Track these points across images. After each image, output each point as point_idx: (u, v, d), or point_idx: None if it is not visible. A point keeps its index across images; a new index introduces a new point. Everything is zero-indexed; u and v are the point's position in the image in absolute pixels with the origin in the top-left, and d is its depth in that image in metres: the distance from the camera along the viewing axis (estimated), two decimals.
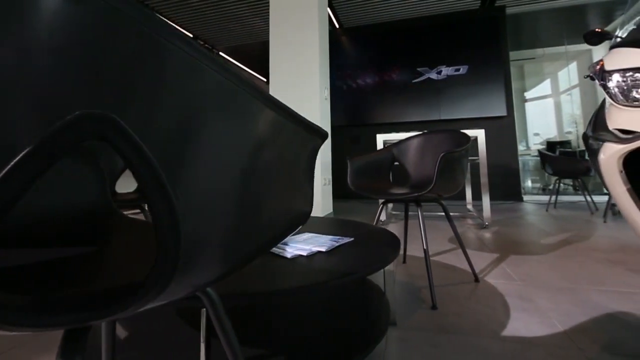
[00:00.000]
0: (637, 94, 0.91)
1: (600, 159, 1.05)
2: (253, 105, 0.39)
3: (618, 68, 0.97)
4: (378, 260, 0.77)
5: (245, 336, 0.84)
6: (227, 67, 0.35)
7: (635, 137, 0.91)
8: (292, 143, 0.45)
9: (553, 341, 0.95)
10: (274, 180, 0.44)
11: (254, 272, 0.69)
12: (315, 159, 0.52)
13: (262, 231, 0.45)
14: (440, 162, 1.25)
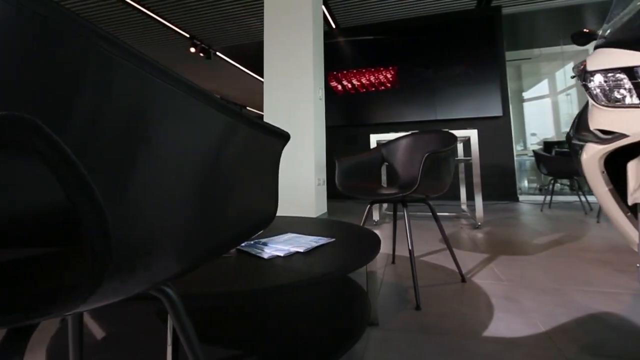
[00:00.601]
0: (618, 95, 0.91)
1: (582, 159, 1.05)
2: (202, 111, 0.39)
3: (599, 68, 0.97)
4: (354, 261, 0.77)
5: (220, 336, 0.84)
6: (171, 74, 0.35)
7: (615, 138, 0.91)
8: (248, 146, 0.45)
9: (533, 341, 0.95)
10: (228, 183, 0.44)
11: (225, 272, 0.69)
12: (277, 160, 0.52)
13: (217, 232, 0.44)
14: (425, 162, 1.24)
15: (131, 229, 0.32)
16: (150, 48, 6.39)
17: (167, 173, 0.36)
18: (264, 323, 0.91)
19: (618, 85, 0.91)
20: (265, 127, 0.47)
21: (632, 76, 0.87)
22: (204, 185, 0.42)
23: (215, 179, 0.43)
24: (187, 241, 0.42)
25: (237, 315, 0.96)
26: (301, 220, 1.38)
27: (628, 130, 0.88)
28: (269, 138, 0.48)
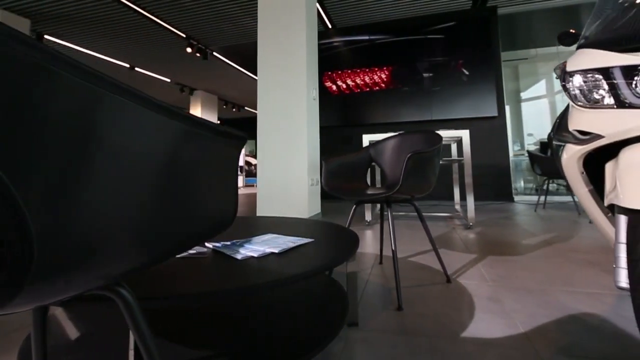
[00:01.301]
0: (595, 95, 0.91)
1: (562, 160, 1.05)
2: (151, 118, 0.39)
3: (577, 69, 0.96)
4: (327, 262, 0.77)
5: (192, 336, 0.84)
6: (118, 84, 0.35)
7: (592, 139, 0.91)
8: (200, 150, 0.45)
9: (511, 342, 0.95)
10: (179, 186, 0.44)
11: (193, 272, 0.69)
12: (234, 162, 0.52)
13: (167, 234, 0.44)
14: (408, 162, 1.24)
15: (66, 234, 0.32)
16: (147, 48, 6.40)
17: (111, 180, 0.36)
18: (238, 323, 0.91)
19: (595, 86, 0.91)
20: (218, 130, 0.47)
21: (607, 77, 0.87)
22: (153, 189, 0.42)
23: (166, 182, 0.43)
24: (136, 243, 0.42)
25: (211, 315, 0.96)
26: (285, 221, 1.38)
27: (603, 131, 0.87)
28: (223, 141, 0.48)
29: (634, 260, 0.71)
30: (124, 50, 6.50)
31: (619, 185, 0.78)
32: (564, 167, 1.06)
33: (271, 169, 3.25)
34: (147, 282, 0.63)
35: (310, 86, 3.32)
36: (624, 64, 0.84)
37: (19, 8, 4.71)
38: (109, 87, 0.36)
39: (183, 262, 0.79)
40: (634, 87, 0.82)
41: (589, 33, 1.08)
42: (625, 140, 0.85)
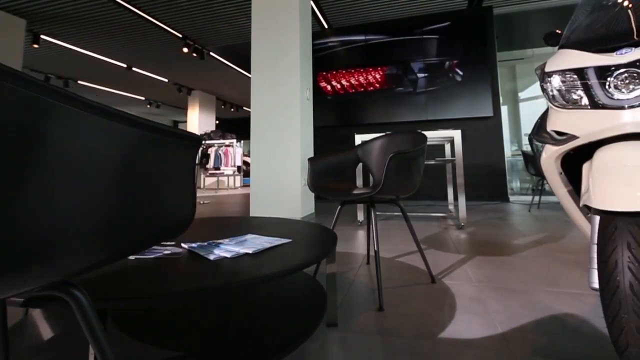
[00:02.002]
0: (570, 96, 0.91)
1: (541, 160, 1.05)
2: (99, 124, 0.39)
3: (555, 69, 0.96)
4: (296, 264, 0.77)
5: (159, 338, 0.84)
6: (63, 93, 0.36)
7: (568, 139, 0.91)
8: (150, 152, 0.45)
9: (488, 343, 0.95)
10: (130, 189, 0.44)
11: (160, 273, 0.69)
12: (190, 164, 0.52)
13: (116, 237, 0.44)
14: (390, 163, 1.24)
15: (7, 234, 0.32)
16: (143, 48, 6.40)
17: (57, 182, 0.37)
18: (209, 324, 0.91)
19: (571, 86, 0.91)
20: (170, 132, 0.47)
21: (582, 78, 0.87)
22: (102, 192, 0.42)
23: (116, 185, 0.43)
24: (84, 243, 0.42)
25: (182, 315, 0.96)
26: (270, 221, 1.38)
27: (578, 131, 0.87)
28: (176, 143, 0.48)
29: (603, 262, 0.71)
30: (121, 50, 6.50)
31: (591, 186, 0.78)
32: (543, 167, 1.06)
33: (264, 169, 3.25)
34: (113, 282, 0.63)
35: (304, 86, 3.32)
36: (597, 65, 0.84)
37: (14, 8, 4.71)
38: (52, 96, 0.36)
39: (155, 263, 0.79)
40: (607, 88, 0.82)
41: (570, 33, 1.08)
42: (603, 141, 0.85)
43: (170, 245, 0.97)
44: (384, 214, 3.45)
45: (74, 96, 0.39)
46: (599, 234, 0.74)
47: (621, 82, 0.79)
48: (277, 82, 3.29)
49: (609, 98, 0.81)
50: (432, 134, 2.71)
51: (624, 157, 0.75)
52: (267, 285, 1.17)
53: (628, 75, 0.78)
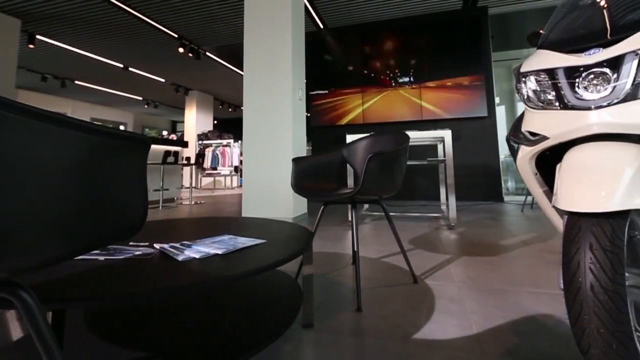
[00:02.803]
0: (542, 96, 0.91)
1: (517, 160, 1.05)
2: (32, 126, 0.40)
3: (529, 70, 0.96)
4: (262, 265, 0.77)
5: (125, 336, 0.84)
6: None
7: (540, 139, 0.91)
8: (94, 155, 0.45)
9: (460, 344, 0.95)
10: (70, 190, 0.44)
11: (121, 273, 0.69)
12: (140, 167, 0.51)
13: (59, 236, 0.44)
14: (369, 163, 1.24)
15: None
16: (139, 48, 6.40)
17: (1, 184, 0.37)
18: (180, 323, 0.91)
19: (543, 87, 0.91)
20: (116, 134, 0.47)
21: (553, 78, 0.87)
22: (43, 194, 0.42)
23: (60, 187, 0.43)
24: (25, 244, 0.42)
25: (151, 314, 0.96)
26: (252, 221, 1.38)
27: (549, 132, 0.87)
28: (124, 145, 0.48)
29: (567, 263, 0.71)
30: (117, 50, 6.50)
31: (558, 187, 0.78)
32: (519, 167, 1.05)
33: (256, 170, 3.25)
34: (71, 283, 0.63)
35: (296, 86, 3.32)
36: (566, 65, 0.84)
37: (9, 8, 4.71)
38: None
39: (123, 263, 0.79)
40: (576, 89, 0.82)
41: (547, 33, 1.08)
42: (575, 142, 0.85)
43: (143, 245, 0.97)
44: (376, 214, 3.45)
45: (6, 101, 0.39)
46: (564, 235, 0.74)
47: (589, 83, 0.79)
48: (269, 82, 3.29)
49: (577, 99, 0.81)
50: (422, 134, 2.71)
51: (589, 158, 0.75)
52: (243, 285, 1.17)
53: (594, 76, 0.78)
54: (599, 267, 0.66)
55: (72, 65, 7.20)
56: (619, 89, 0.75)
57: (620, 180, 0.68)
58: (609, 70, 0.76)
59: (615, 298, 0.64)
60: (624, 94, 0.74)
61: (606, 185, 0.69)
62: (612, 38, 0.79)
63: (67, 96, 9.89)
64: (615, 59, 0.76)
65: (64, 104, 10.15)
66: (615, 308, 0.63)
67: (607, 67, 0.77)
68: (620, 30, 0.82)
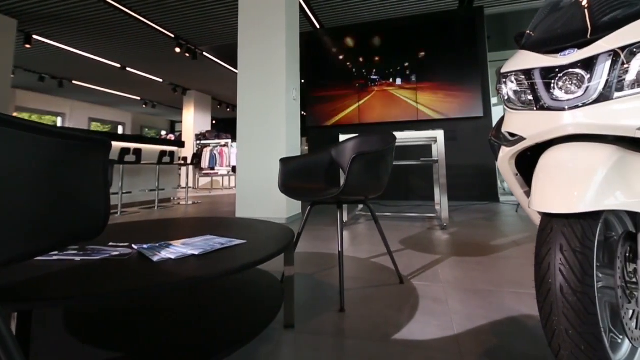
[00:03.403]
0: (519, 97, 0.90)
1: (498, 161, 1.05)
2: None
3: (509, 70, 0.96)
4: (235, 266, 0.77)
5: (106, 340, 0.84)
6: None
7: (518, 140, 0.91)
8: (47, 156, 0.45)
9: (439, 344, 0.95)
10: (24, 192, 0.44)
11: (97, 274, 0.69)
12: (100, 168, 0.51)
13: (13, 237, 0.44)
14: (353, 164, 1.24)
15: None
16: (136, 48, 6.40)
17: None
18: (157, 323, 0.91)
19: (521, 88, 0.91)
20: (75, 136, 0.47)
21: (530, 79, 0.87)
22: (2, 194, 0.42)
23: (13, 189, 0.43)
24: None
25: (128, 314, 0.96)
26: (235, 221, 1.38)
27: (526, 133, 0.87)
28: (84, 147, 0.48)
29: (538, 264, 0.70)
30: (114, 50, 6.50)
31: (532, 188, 0.77)
32: (499, 168, 1.05)
33: (250, 170, 3.25)
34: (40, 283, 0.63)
35: (290, 86, 3.32)
36: (542, 66, 0.84)
37: (5, 8, 4.71)
38: None
39: (99, 263, 0.79)
40: (551, 90, 0.81)
41: (529, 34, 1.08)
42: (553, 142, 0.85)
43: (122, 246, 0.97)
44: (369, 215, 3.44)
45: None
46: (537, 236, 0.74)
47: (564, 84, 0.79)
48: (262, 83, 3.29)
49: (553, 100, 0.80)
50: (414, 135, 2.71)
51: (562, 159, 0.75)
52: (224, 285, 1.17)
53: (569, 76, 0.78)
54: (569, 268, 0.66)
55: (70, 65, 7.20)
56: (592, 89, 0.74)
57: (592, 181, 0.68)
58: (583, 71, 0.76)
59: (584, 299, 0.64)
60: (597, 95, 0.74)
61: (578, 186, 0.69)
62: (588, 38, 0.79)
63: (65, 96, 9.88)
64: (589, 59, 0.76)
65: (62, 104, 10.15)
66: (583, 309, 0.63)
67: (581, 67, 0.77)
68: (597, 30, 0.81)
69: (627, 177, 0.71)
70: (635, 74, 0.71)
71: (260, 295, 1.11)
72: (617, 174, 0.70)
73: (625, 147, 0.77)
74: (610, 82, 0.73)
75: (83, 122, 10.76)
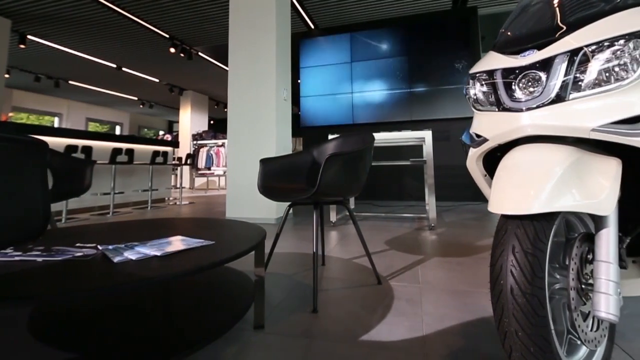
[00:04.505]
0: (483, 98, 0.90)
1: (466, 162, 1.05)
2: None
3: (475, 72, 0.96)
4: (190, 268, 0.76)
5: (66, 341, 0.84)
6: None
7: (482, 141, 0.91)
8: None
9: (404, 345, 0.95)
10: None
11: (52, 274, 0.69)
12: (37, 170, 0.51)
13: None
14: (325, 164, 1.24)
15: None
16: (132, 49, 6.40)
17: None
18: (119, 323, 0.91)
19: (486, 89, 0.90)
20: (7, 138, 0.47)
21: (492, 79, 0.87)
22: None
23: None
24: None
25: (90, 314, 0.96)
26: (209, 223, 1.38)
27: (488, 133, 0.87)
28: (16, 149, 0.48)
29: (492, 265, 0.70)
30: (109, 51, 6.50)
31: (492, 190, 0.77)
32: (469, 168, 1.05)
33: (240, 170, 3.25)
34: None
35: (280, 86, 3.32)
36: (504, 67, 0.84)
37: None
38: None
39: (60, 264, 0.79)
40: (512, 91, 0.81)
41: (500, 34, 1.07)
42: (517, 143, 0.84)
43: (88, 246, 0.97)
44: (361, 215, 3.45)
45: None
46: (494, 237, 0.74)
47: (523, 85, 0.79)
48: (253, 83, 3.29)
49: (512, 100, 0.80)
50: (402, 135, 2.71)
51: (519, 160, 0.75)
52: (193, 285, 1.17)
53: (528, 77, 0.78)
54: (519, 270, 0.65)
55: (65, 65, 7.20)
56: (548, 90, 0.74)
57: (547, 183, 0.68)
58: (541, 71, 0.76)
59: (533, 301, 0.63)
60: (553, 96, 0.74)
61: (532, 187, 0.69)
62: (547, 39, 0.79)
63: (62, 96, 9.89)
64: (546, 60, 0.76)
65: (60, 104, 10.16)
66: (532, 311, 0.63)
67: (539, 68, 0.77)
68: (559, 31, 0.81)
69: (583, 179, 0.71)
70: (591, 75, 0.71)
71: (230, 296, 1.11)
72: (573, 176, 0.70)
73: (587, 149, 0.77)
74: (566, 83, 0.73)
75: (80, 122, 10.76)
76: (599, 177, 0.71)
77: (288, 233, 2.58)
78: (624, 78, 0.69)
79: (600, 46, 0.71)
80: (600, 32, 0.72)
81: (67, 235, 1.14)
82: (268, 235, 1.77)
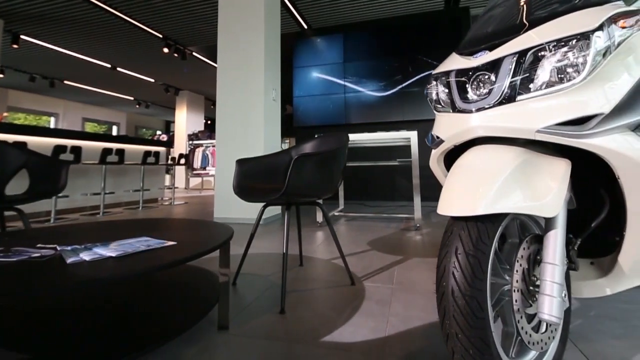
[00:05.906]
0: (439, 99, 0.90)
1: (429, 162, 1.05)
2: None
3: (435, 72, 0.96)
4: (140, 269, 0.76)
5: (18, 341, 0.84)
6: None
7: (439, 142, 0.91)
8: None
9: (363, 347, 0.95)
10: None
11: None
12: None
13: None
14: (293, 165, 1.24)
15: None
16: (126, 49, 6.39)
17: None
18: (73, 323, 0.91)
19: (443, 90, 0.90)
20: None
21: (448, 80, 0.87)
22: None
23: None
24: None
25: (48, 315, 0.96)
26: (175, 223, 1.37)
27: (443, 134, 0.87)
28: None
29: (437, 266, 0.70)
30: (103, 51, 6.50)
31: (442, 192, 0.77)
32: (431, 168, 1.05)
33: (228, 171, 3.25)
34: None
35: (269, 87, 3.32)
36: (458, 68, 0.84)
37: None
38: None
39: (13, 265, 0.79)
40: (466, 92, 0.81)
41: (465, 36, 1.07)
42: (473, 143, 0.84)
43: (49, 247, 0.97)
44: (350, 215, 3.45)
45: None
46: (442, 238, 0.74)
47: (474, 86, 0.79)
48: (241, 83, 3.28)
49: (464, 102, 0.80)
50: (388, 135, 2.71)
51: (469, 162, 0.75)
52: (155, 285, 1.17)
53: (478, 79, 0.78)
54: (460, 271, 0.65)
55: (60, 65, 7.20)
56: (496, 92, 0.74)
57: (492, 184, 0.68)
58: (490, 72, 0.76)
59: (472, 303, 0.63)
60: (500, 97, 0.74)
61: (478, 189, 0.68)
62: (498, 41, 0.79)
63: (59, 96, 9.89)
64: (495, 61, 0.76)
65: (56, 104, 10.15)
66: (471, 313, 0.63)
67: (489, 69, 0.77)
68: (512, 32, 0.81)
69: (531, 180, 0.70)
70: (541, 76, 0.71)
71: (194, 297, 1.11)
72: (520, 177, 0.70)
73: (540, 150, 0.76)
74: (515, 84, 0.73)
75: (77, 122, 10.76)
76: (547, 179, 0.71)
77: (275, 234, 2.58)
78: (573, 78, 0.69)
79: (549, 47, 0.71)
80: (550, 32, 0.72)
81: (34, 236, 1.14)
82: (257, 236, 1.74)
